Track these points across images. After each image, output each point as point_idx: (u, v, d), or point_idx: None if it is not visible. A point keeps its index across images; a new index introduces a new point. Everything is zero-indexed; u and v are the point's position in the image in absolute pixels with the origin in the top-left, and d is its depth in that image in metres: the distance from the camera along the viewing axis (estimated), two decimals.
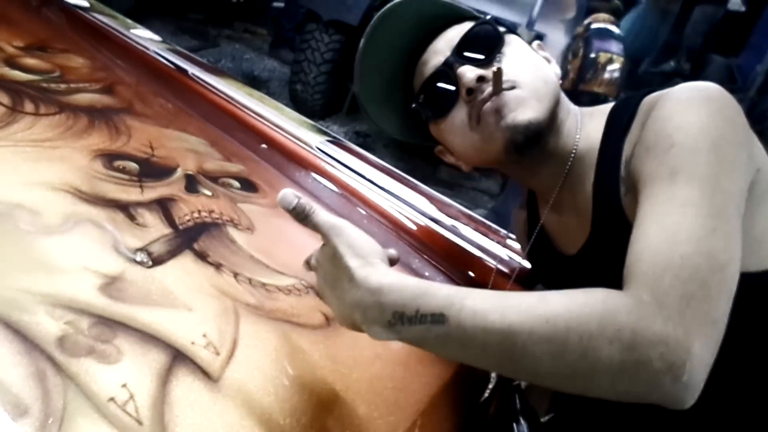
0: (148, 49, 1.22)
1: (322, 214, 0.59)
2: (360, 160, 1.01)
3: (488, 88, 0.67)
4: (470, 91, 0.69)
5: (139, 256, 0.67)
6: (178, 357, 0.57)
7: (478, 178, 3.67)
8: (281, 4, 5.12)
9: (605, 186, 0.66)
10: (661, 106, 0.61)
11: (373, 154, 1.09)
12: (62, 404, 0.48)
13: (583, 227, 0.70)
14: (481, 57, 0.70)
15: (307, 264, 0.66)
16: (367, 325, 0.54)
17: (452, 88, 0.71)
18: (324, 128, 1.14)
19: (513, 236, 0.92)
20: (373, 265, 0.55)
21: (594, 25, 3.18)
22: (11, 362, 0.50)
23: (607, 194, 0.66)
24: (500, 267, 0.84)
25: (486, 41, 0.72)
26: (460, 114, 0.71)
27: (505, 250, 0.87)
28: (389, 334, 0.53)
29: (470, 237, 0.89)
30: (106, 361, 0.54)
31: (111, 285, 0.61)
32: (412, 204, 0.94)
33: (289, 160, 0.99)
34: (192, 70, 1.17)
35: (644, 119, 0.63)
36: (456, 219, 0.95)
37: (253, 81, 4.43)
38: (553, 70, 0.73)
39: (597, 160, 0.68)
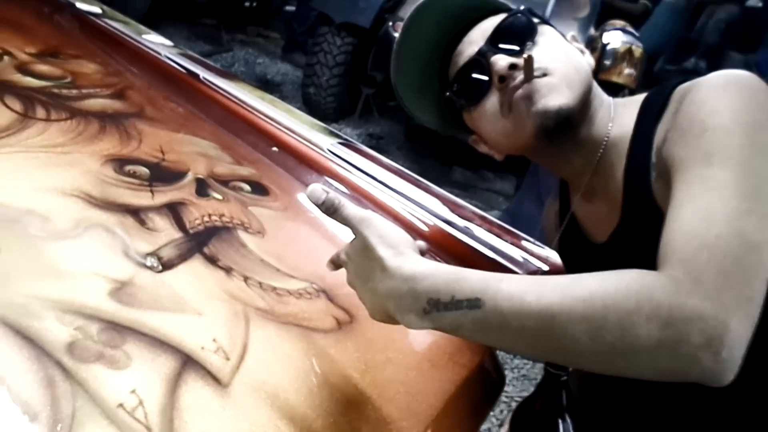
0: (159, 54, 1.23)
1: (350, 207, 0.59)
2: (371, 162, 1.01)
3: (520, 76, 0.69)
4: (502, 79, 0.70)
5: (149, 261, 0.67)
6: (188, 362, 0.56)
7: (493, 179, 3.65)
8: (293, 8, 5.14)
9: (636, 172, 0.67)
10: (695, 92, 0.62)
11: (387, 156, 1.08)
12: (71, 411, 0.48)
13: (613, 214, 0.71)
14: (514, 47, 0.72)
15: (332, 263, 0.66)
16: (402, 314, 0.54)
17: (485, 77, 0.72)
18: (337, 131, 1.13)
19: (527, 237, 0.91)
20: (404, 255, 0.55)
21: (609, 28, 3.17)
22: (21, 368, 0.50)
23: (638, 180, 0.66)
24: (516, 269, 0.82)
25: (519, 31, 0.73)
26: (492, 102, 0.72)
27: (520, 252, 0.85)
28: (424, 322, 0.53)
29: (484, 239, 0.88)
30: (116, 366, 0.53)
31: (121, 290, 0.61)
32: (425, 206, 0.93)
33: (300, 163, 0.99)
34: (203, 74, 1.17)
35: (677, 106, 0.64)
36: (470, 221, 0.94)
37: (266, 85, 4.45)
38: (587, 61, 0.74)
39: (629, 146, 0.69)
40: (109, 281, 0.62)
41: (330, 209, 0.59)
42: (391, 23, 3.48)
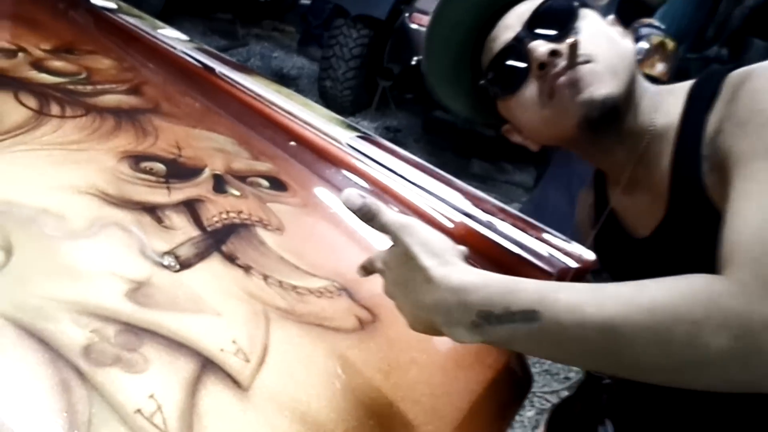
0: (175, 48, 1.21)
1: (389, 214, 0.55)
2: (392, 156, 0.98)
3: (562, 63, 0.65)
4: (542, 66, 0.66)
5: (167, 260, 0.65)
6: (207, 365, 0.55)
7: (512, 171, 3.61)
8: (308, 1, 5.11)
9: (685, 163, 0.64)
10: (753, 81, 0.58)
11: (404, 149, 1.05)
12: (87, 417, 0.47)
13: (657, 207, 0.67)
14: (554, 32, 0.68)
15: (364, 269, 0.62)
16: (450, 328, 0.51)
17: (523, 64, 0.69)
18: (354, 124, 1.11)
19: (554, 232, 0.88)
20: (451, 264, 0.52)
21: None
22: (36, 373, 0.48)
23: (687, 172, 0.63)
24: (543, 266, 0.79)
25: (559, 15, 0.69)
26: (531, 90, 0.69)
27: (547, 248, 0.82)
28: (474, 336, 0.50)
29: (509, 234, 0.85)
30: (133, 370, 0.52)
31: (138, 290, 0.59)
32: (447, 200, 0.90)
33: (319, 158, 0.97)
34: (219, 68, 1.16)
35: (731, 95, 0.60)
36: (492, 215, 0.91)
37: (282, 79, 4.44)
38: (629, 45, 0.70)
39: (676, 137, 0.65)
40: (126, 281, 0.60)
41: (367, 215, 0.55)
42: (407, 14, 3.45)
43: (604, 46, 0.67)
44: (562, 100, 0.66)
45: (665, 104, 0.69)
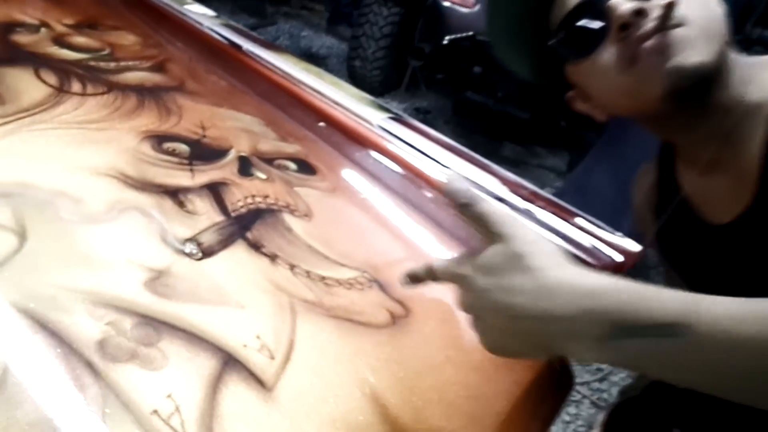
0: (201, 25, 1.17)
1: (495, 206, 0.49)
2: (426, 139, 0.93)
3: (648, 24, 0.59)
4: (624, 27, 0.60)
5: (188, 247, 0.62)
6: (229, 362, 0.51)
7: (545, 155, 3.52)
8: None
9: None
10: None
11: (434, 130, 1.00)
12: (101, 417, 0.43)
13: (742, 191, 0.61)
14: None
15: (414, 279, 0.56)
16: (573, 342, 0.44)
17: (601, 24, 0.62)
18: (385, 105, 1.06)
19: (596, 221, 0.83)
20: (569, 265, 0.45)
21: None
22: (47, 369, 0.45)
23: None
24: (587, 258, 0.74)
25: None
26: (608, 54, 0.62)
27: (590, 239, 0.77)
28: (600, 353, 0.43)
29: (549, 223, 0.80)
30: (150, 367, 0.48)
31: (157, 280, 0.56)
32: (483, 186, 0.85)
33: (349, 139, 0.92)
34: (246, 45, 1.11)
35: None
36: (531, 202, 0.86)
37: (311, 58, 4.38)
38: (721, 9, 0.62)
39: None
40: (145, 270, 0.57)
41: (472, 198, 0.50)
42: None
43: (697, 8, 0.59)
44: (646, 67, 0.59)
45: (759, 78, 0.62)
